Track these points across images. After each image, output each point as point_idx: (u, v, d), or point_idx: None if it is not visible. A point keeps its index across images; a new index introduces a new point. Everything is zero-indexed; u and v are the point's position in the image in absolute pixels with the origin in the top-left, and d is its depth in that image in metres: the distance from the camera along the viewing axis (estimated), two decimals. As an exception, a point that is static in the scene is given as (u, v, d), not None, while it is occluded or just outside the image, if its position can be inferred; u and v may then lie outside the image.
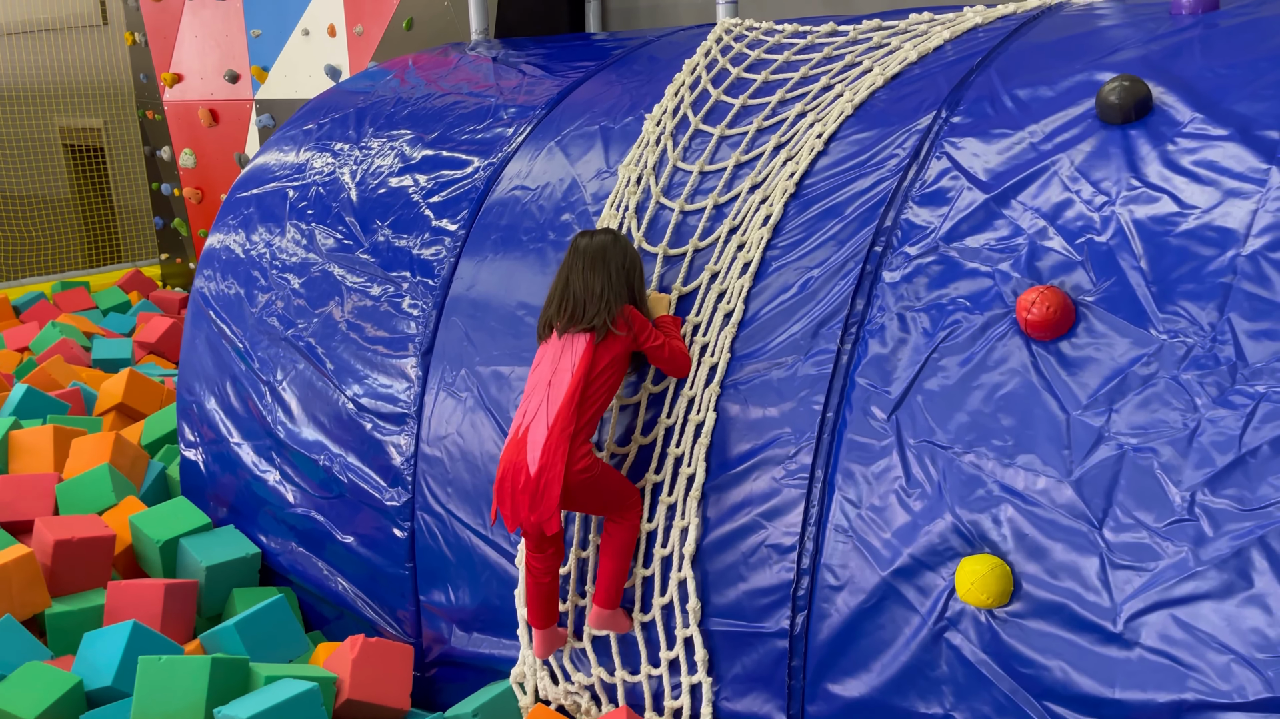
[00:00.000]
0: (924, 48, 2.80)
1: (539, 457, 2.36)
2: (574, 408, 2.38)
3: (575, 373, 2.41)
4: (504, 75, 3.74)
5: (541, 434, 2.38)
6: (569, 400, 2.39)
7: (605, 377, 2.44)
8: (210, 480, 3.83)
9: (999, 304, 2.18)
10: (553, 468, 2.34)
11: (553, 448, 2.35)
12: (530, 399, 2.47)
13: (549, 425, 2.37)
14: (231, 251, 3.89)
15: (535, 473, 2.36)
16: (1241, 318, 1.89)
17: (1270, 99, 2.09)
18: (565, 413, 2.38)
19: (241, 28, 6.46)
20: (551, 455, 2.35)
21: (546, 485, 2.35)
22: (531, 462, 2.37)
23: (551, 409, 2.39)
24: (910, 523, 2.16)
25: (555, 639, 2.66)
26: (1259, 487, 1.79)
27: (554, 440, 2.36)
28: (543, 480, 2.35)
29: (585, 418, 2.41)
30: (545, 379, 2.46)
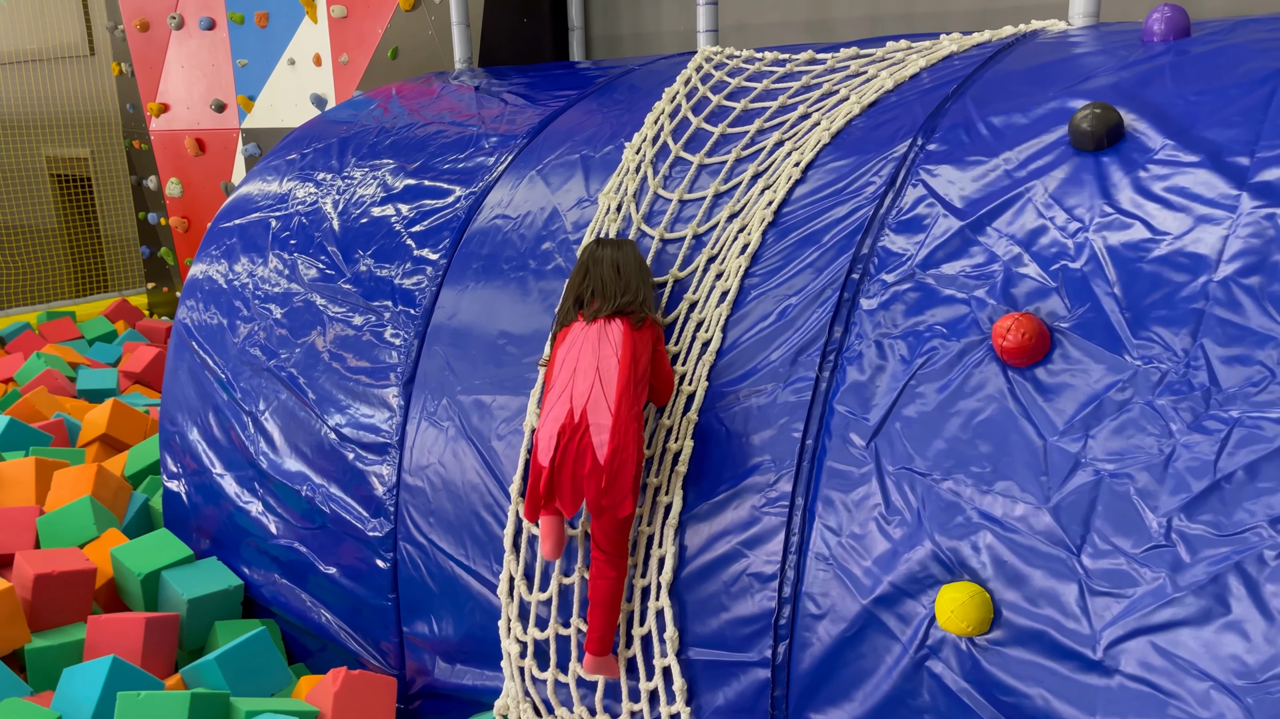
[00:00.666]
0: (900, 76, 2.83)
1: (608, 439, 2.28)
2: (633, 389, 2.34)
3: (622, 357, 2.38)
4: (486, 104, 3.76)
5: (605, 417, 2.30)
6: (625, 382, 2.34)
7: (642, 366, 2.41)
8: (193, 512, 3.81)
9: (975, 330, 2.18)
10: (626, 449, 2.28)
11: (622, 429, 2.29)
12: (576, 382, 2.37)
13: (613, 409, 2.31)
14: (214, 281, 3.89)
15: (608, 455, 2.27)
16: (1214, 343, 1.90)
17: (1240, 125, 2.11)
18: (628, 394, 2.33)
19: (228, 57, 6.48)
20: (623, 437, 2.29)
21: (621, 466, 2.28)
22: (600, 444, 2.29)
23: (609, 392, 2.33)
24: (890, 550, 2.15)
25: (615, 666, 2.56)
26: (1234, 512, 1.79)
27: (622, 422, 2.30)
28: (616, 462, 2.27)
29: (636, 396, 2.37)
30: (590, 363, 2.38)
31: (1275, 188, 1.97)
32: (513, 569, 2.77)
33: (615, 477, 2.28)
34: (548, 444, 2.33)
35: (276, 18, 6.13)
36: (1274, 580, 1.74)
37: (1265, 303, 1.88)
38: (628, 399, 2.33)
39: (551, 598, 2.67)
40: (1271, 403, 1.81)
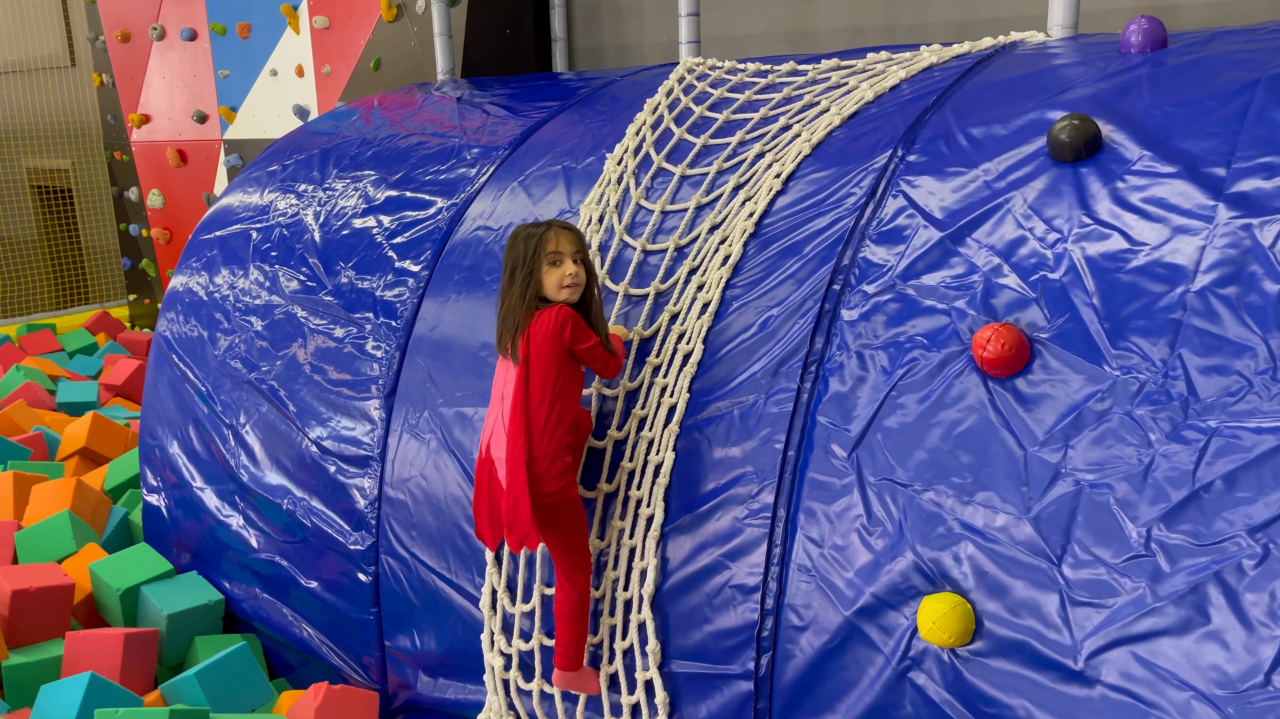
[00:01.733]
0: (880, 87, 2.84)
1: (505, 474, 2.33)
2: (522, 430, 2.32)
3: (515, 382, 2.35)
4: (468, 116, 3.75)
5: (503, 450, 2.34)
6: (516, 408, 2.33)
7: (550, 386, 2.34)
8: (173, 526, 3.78)
9: (955, 341, 2.18)
10: (518, 487, 2.30)
11: (514, 464, 2.31)
12: (489, 414, 2.43)
13: (507, 443, 2.33)
14: (194, 294, 3.86)
15: (506, 490, 2.32)
16: (1192, 353, 1.91)
17: (1216, 136, 2.12)
18: (517, 424, 2.32)
19: (209, 68, 6.46)
20: (516, 474, 2.30)
21: (516, 502, 2.30)
22: (502, 479, 2.34)
23: (506, 424, 2.35)
24: (872, 562, 2.15)
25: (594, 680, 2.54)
26: (1213, 522, 1.80)
27: (513, 455, 2.31)
28: (512, 498, 2.31)
29: (548, 432, 2.32)
30: (498, 395, 2.41)
31: (1251, 198, 1.98)
32: (495, 582, 2.75)
33: (514, 510, 2.30)
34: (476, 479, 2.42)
35: (259, 29, 6.12)
36: (1253, 590, 1.74)
37: (1242, 313, 1.88)
38: (516, 439, 2.31)
39: (534, 609, 2.66)
40: (1249, 412, 1.82)
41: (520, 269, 2.39)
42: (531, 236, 2.41)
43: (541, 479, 2.31)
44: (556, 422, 2.34)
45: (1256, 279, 1.90)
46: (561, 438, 2.35)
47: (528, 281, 2.38)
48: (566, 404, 2.37)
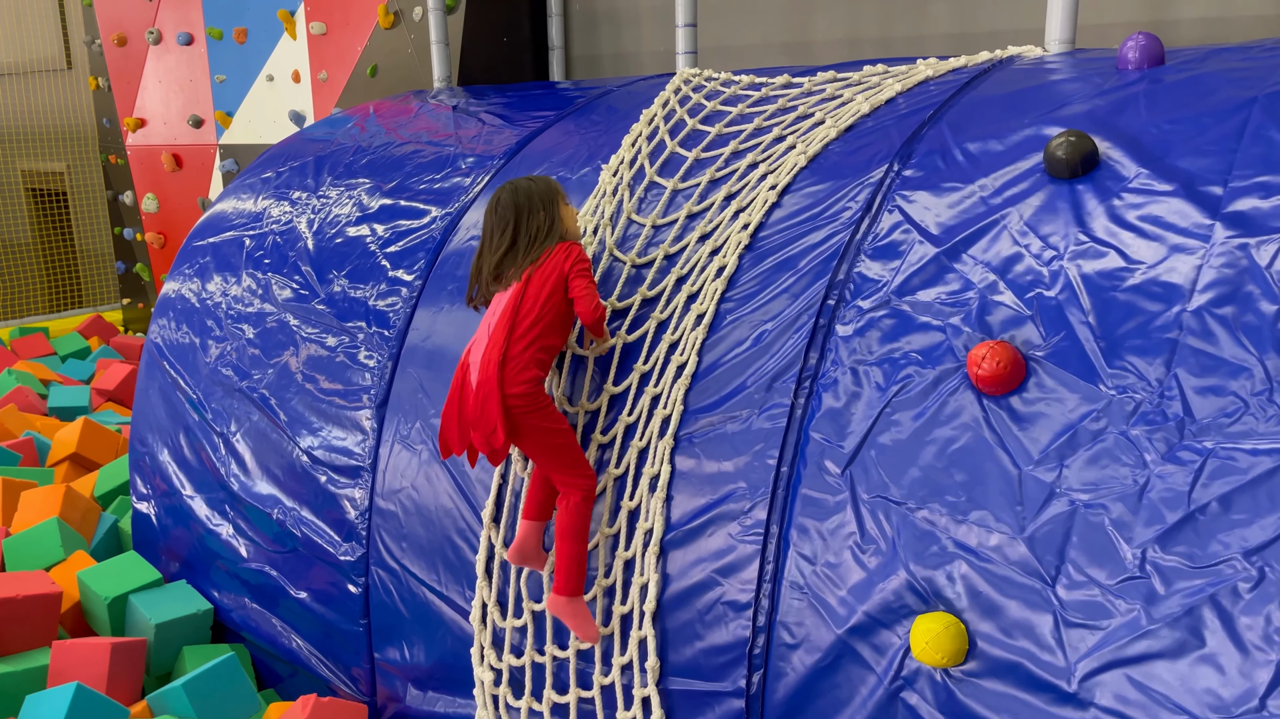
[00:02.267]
0: (876, 100, 2.83)
1: (478, 373, 2.39)
2: (507, 327, 2.41)
3: (509, 298, 2.45)
4: (463, 124, 3.74)
5: (479, 358, 2.42)
6: (503, 320, 2.42)
7: (541, 298, 2.44)
8: (162, 534, 3.75)
9: (950, 358, 2.17)
10: (489, 382, 2.36)
11: (488, 362, 2.38)
12: (477, 333, 2.51)
13: (484, 349, 2.42)
14: (186, 300, 3.84)
15: (475, 388, 2.38)
16: (1188, 373, 1.90)
17: (1213, 154, 2.11)
18: (500, 332, 2.41)
19: (206, 73, 6.45)
20: (487, 370, 2.37)
21: (485, 398, 2.36)
22: (474, 381, 2.40)
23: (488, 336, 2.44)
24: (865, 580, 2.13)
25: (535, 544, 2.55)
26: (1209, 544, 1.78)
27: (489, 355, 2.39)
28: (481, 394, 2.37)
29: (526, 337, 2.40)
30: (491, 313, 2.50)
31: (1248, 218, 1.97)
32: (485, 596, 2.73)
33: (481, 407, 2.37)
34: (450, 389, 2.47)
35: (255, 34, 6.11)
36: (1248, 613, 1.73)
37: (1239, 333, 1.87)
38: (499, 338, 2.40)
39: (526, 625, 2.64)
40: (1245, 434, 1.81)
41: (543, 209, 2.53)
42: (542, 182, 2.58)
43: (509, 380, 2.37)
44: (537, 335, 2.42)
45: (1253, 299, 1.88)
46: (536, 352, 2.42)
47: (552, 220, 2.53)
48: (551, 327, 2.46)
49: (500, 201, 2.57)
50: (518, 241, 2.52)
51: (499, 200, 2.58)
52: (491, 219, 2.57)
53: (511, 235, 2.52)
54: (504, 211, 2.55)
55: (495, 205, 2.58)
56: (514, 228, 2.53)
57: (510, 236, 2.52)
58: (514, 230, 2.53)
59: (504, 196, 2.57)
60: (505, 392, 2.36)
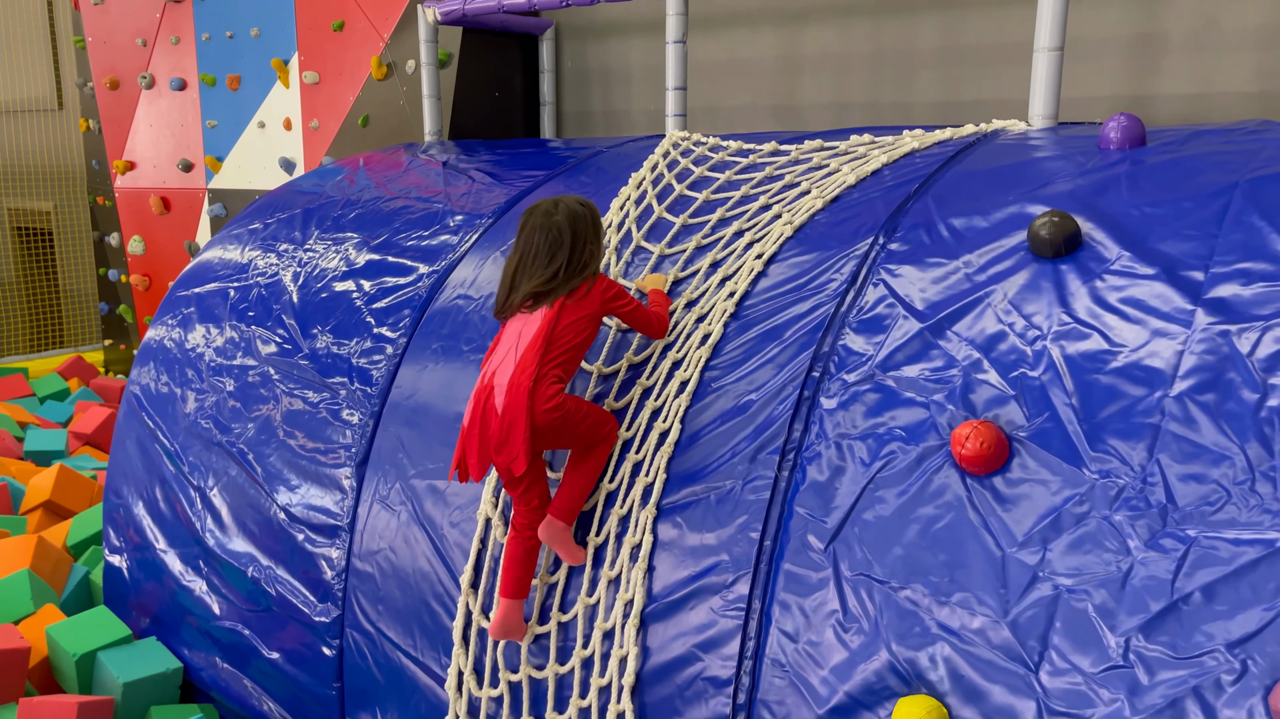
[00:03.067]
0: (862, 171, 2.85)
1: (504, 398, 2.38)
2: (539, 353, 2.41)
3: (540, 328, 2.44)
4: (453, 181, 3.75)
5: (507, 378, 2.40)
6: (533, 346, 2.41)
7: (574, 330, 2.45)
8: (134, 588, 3.69)
9: (934, 435, 2.17)
10: (517, 407, 2.36)
11: (515, 387, 2.37)
12: (497, 353, 2.49)
13: (513, 371, 2.40)
14: (168, 350, 3.81)
15: (501, 413, 2.37)
16: (1171, 459, 1.90)
17: (1194, 239, 2.13)
18: (530, 355, 2.40)
19: (197, 118, 6.47)
20: (515, 395, 2.37)
21: (511, 424, 2.36)
22: (499, 404, 2.38)
23: (519, 355, 2.43)
24: (847, 659, 2.11)
25: (517, 619, 2.54)
26: (1192, 635, 1.77)
27: (516, 380, 2.38)
28: (508, 419, 2.36)
29: (553, 362, 2.42)
30: (514, 337, 2.48)
31: (1229, 304, 1.98)
32: (462, 663, 2.68)
33: (507, 431, 2.36)
34: (467, 410, 2.46)
35: (249, 81, 6.14)
36: (1231, 706, 1.71)
37: (1220, 421, 1.88)
38: (529, 361, 2.40)
39: (502, 695, 2.59)
40: (1227, 523, 1.80)
41: (594, 242, 2.53)
42: (590, 209, 2.55)
43: (539, 400, 2.38)
44: (566, 360, 2.45)
45: (1234, 387, 1.89)
46: (563, 374, 2.45)
47: (595, 253, 2.53)
48: (579, 354, 2.48)
49: (555, 222, 2.48)
50: (565, 269, 2.47)
51: (551, 219, 2.48)
52: (538, 237, 2.48)
53: (564, 260, 2.47)
54: (557, 234, 2.47)
55: (547, 223, 2.48)
56: (568, 253, 2.47)
57: (560, 262, 2.47)
58: (568, 255, 2.47)
59: (559, 219, 2.48)
60: (536, 411, 2.36)
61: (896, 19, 4.18)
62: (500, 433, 2.37)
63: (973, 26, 4.00)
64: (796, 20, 4.44)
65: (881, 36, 4.23)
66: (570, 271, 2.47)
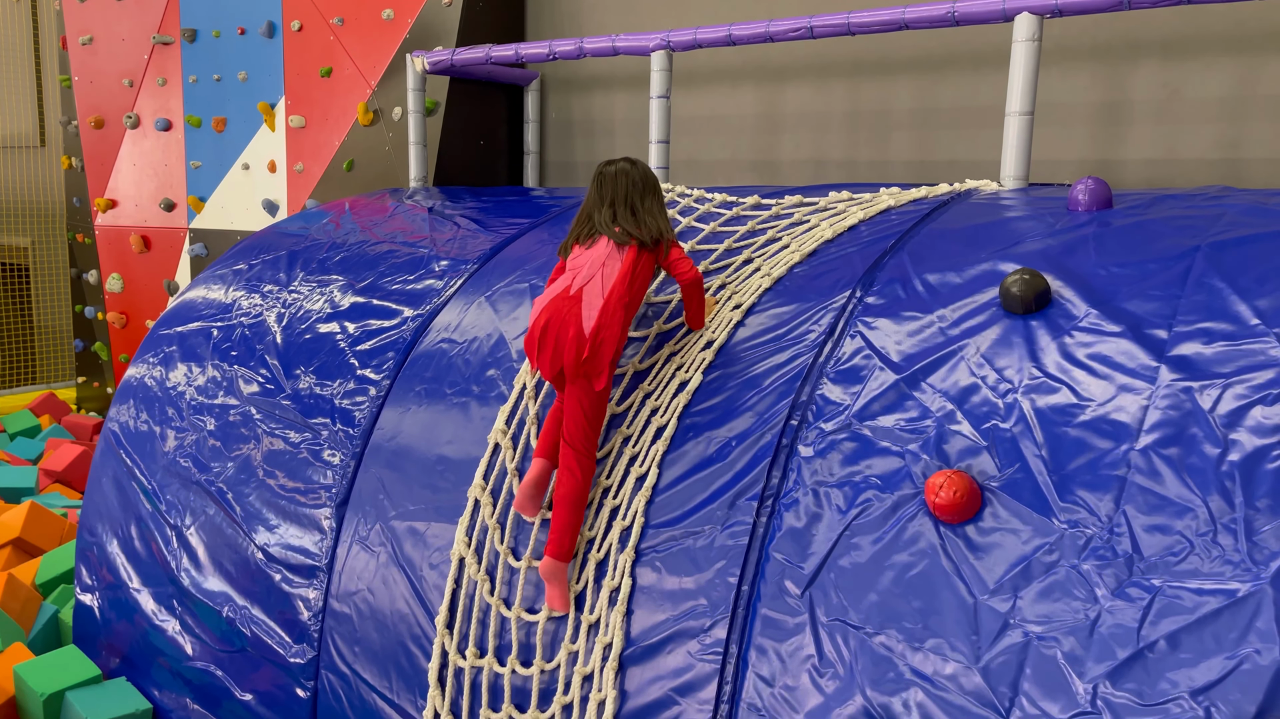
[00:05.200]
0: (839, 226, 2.94)
1: (596, 316, 2.53)
2: (627, 285, 2.58)
3: (626, 261, 2.61)
4: (438, 227, 3.81)
5: (598, 297, 2.56)
6: (624, 277, 2.59)
7: (643, 279, 2.64)
8: (105, 628, 3.65)
9: (909, 484, 2.22)
10: (609, 328, 2.53)
11: (610, 311, 2.55)
12: (580, 272, 2.62)
13: (605, 293, 2.56)
14: (149, 388, 3.82)
15: (592, 329, 2.52)
16: (1136, 511, 1.96)
17: (1158, 300, 2.22)
18: (621, 287, 2.58)
19: (181, 158, 6.51)
20: (609, 318, 2.54)
21: (602, 344, 2.52)
22: (587, 319, 2.53)
23: (607, 282, 2.58)
24: (823, 704, 2.14)
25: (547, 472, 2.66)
26: (1157, 682, 1.82)
27: (612, 305, 2.55)
28: (599, 338, 2.52)
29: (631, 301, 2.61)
30: (597, 263, 2.61)
31: (1191, 362, 2.06)
32: (438, 705, 2.68)
33: (598, 349, 2.53)
34: (539, 308, 2.59)
35: (234, 123, 6.20)
36: (1196, 753, 1.76)
37: (1184, 474, 1.95)
38: (620, 290, 2.58)
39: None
40: (1191, 573, 1.87)
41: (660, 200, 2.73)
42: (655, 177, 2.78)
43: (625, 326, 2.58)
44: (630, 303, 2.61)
45: (1197, 442, 1.97)
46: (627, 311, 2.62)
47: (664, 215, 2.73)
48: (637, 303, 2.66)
49: (646, 175, 2.71)
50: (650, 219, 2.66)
51: (642, 171, 2.71)
52: (623, 181, 2.67)
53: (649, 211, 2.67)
54: (643, 182, 2.69)
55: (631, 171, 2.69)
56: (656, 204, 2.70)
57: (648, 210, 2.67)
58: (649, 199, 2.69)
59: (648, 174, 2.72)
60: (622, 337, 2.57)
61: (873, 80, 4.32)
62: (592, 347, 2.52)
63: (946, 90, 4.14)
64: (776, 79, 4.57)
65: (859, 97, 4.36)
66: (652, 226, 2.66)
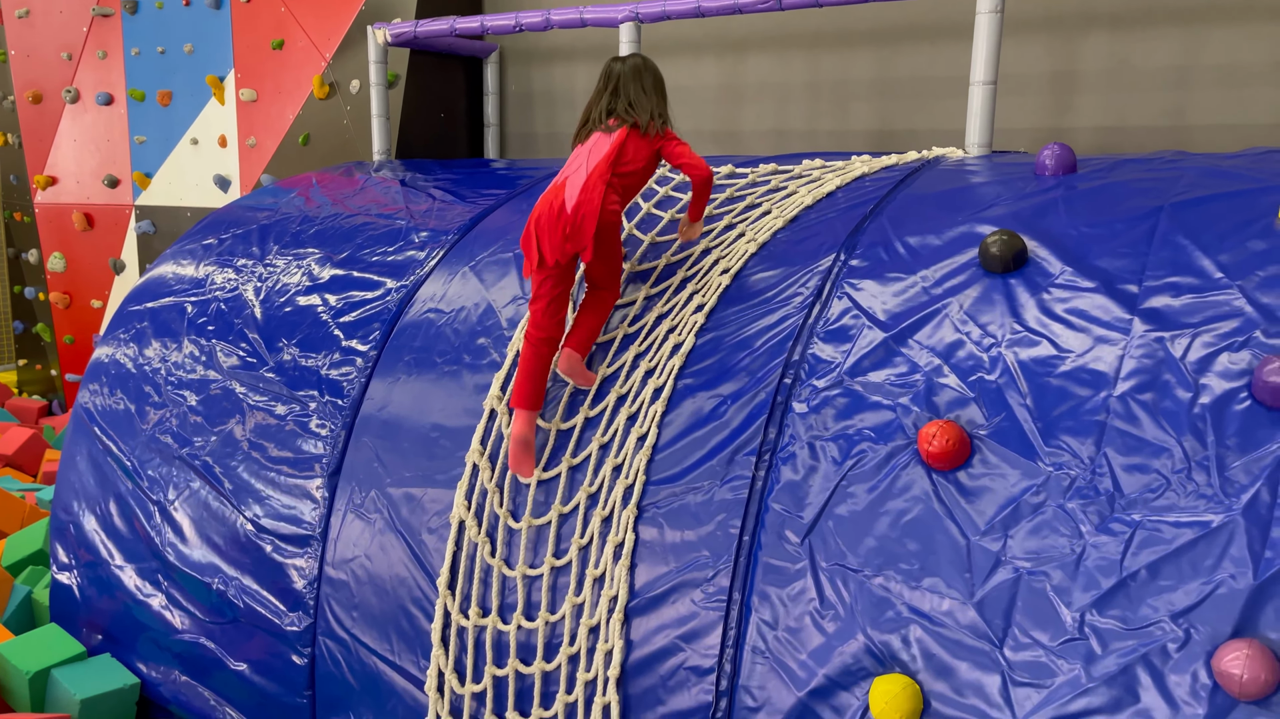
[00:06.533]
0: (818, 193, 3.04)
1: (577, 194, 2.66)
2: (611, 163, 2.73)
3: (614, 142, 2.78)
4: (413, 199, 3.83)
5: (580, 179, 2.70)
6: (608, 157, 2.74)
7: (637, 160, 2.79)
8: (85, 605, 3.63)
9: (901, 435, 2.35)
10: (590, 203, 2.65)
11: (590, 187, 2.67)
12: (568, 167, 2.79)
13: (587, 173, 2.70)
14: (121, 365, 3.78)
15: (573, 208, 2.64)
16: (1116, 452, 2.11)
17: (1127, 256, 2.37)
18: (603, 165, 2.72)
19: (125, 134, 6.37)
20: (589, 193, 2.66)
21: (584, 218, 2.64)
22: (569, 199, 2.66)
23: (590, 164, 2.73)
24: (825, 644, 2.26)
25: (529, 430, 2.76)
26: (1139, 608, 1.98)
27: (592, 181, 2.68)
28: (580, 214, 2.64)
29: (621, 179, 2.76)
30: (585, 152, 2.79)
31: (1162, 314, 2.22)
32: (442, 663, 2.75)
33: (579, 225, 2.65)
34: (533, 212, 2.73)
35: (181, 97, 6.08)
36: (1176, 671, 1.92)
37: (1159, 418, 2.10)
38: (602, 168, 2.72)
39: (485, 690, 2.67)
40: (1168, 508, 2.02)
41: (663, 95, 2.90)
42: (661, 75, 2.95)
43: (607, 203, 2.68)
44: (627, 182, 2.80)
45: (1170, 387, 2.12)
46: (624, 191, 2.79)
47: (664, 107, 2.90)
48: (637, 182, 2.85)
49: (648, 66, 2.89)
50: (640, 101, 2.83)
51: (644, 63, 2.89)
52: (627, 76, 2.85)
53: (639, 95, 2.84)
54: (647, 76, 2.86)
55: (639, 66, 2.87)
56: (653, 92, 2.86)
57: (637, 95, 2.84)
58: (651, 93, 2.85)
59: (652, 66, 2.90)
60: (605, 209, 2.67)
61: (833, 52, 4.43)
62: (574, 223, 2.64)
63: (904, 61, 4.27)
64: (738, 50, 4.65)
65: (819, 68, 4.47)
66: (647, 111, 2.82)
